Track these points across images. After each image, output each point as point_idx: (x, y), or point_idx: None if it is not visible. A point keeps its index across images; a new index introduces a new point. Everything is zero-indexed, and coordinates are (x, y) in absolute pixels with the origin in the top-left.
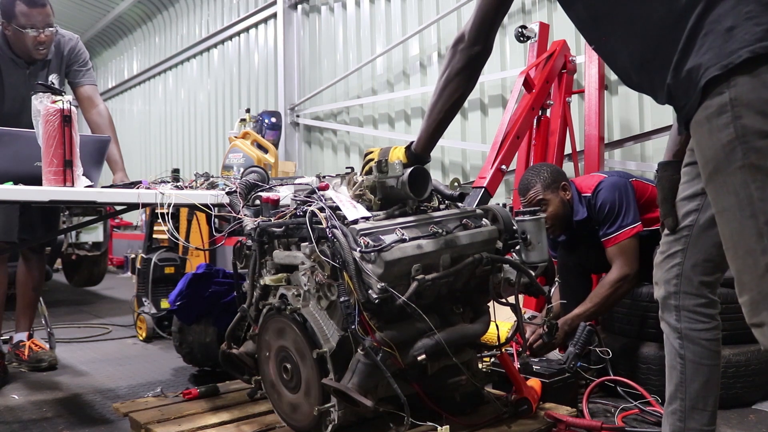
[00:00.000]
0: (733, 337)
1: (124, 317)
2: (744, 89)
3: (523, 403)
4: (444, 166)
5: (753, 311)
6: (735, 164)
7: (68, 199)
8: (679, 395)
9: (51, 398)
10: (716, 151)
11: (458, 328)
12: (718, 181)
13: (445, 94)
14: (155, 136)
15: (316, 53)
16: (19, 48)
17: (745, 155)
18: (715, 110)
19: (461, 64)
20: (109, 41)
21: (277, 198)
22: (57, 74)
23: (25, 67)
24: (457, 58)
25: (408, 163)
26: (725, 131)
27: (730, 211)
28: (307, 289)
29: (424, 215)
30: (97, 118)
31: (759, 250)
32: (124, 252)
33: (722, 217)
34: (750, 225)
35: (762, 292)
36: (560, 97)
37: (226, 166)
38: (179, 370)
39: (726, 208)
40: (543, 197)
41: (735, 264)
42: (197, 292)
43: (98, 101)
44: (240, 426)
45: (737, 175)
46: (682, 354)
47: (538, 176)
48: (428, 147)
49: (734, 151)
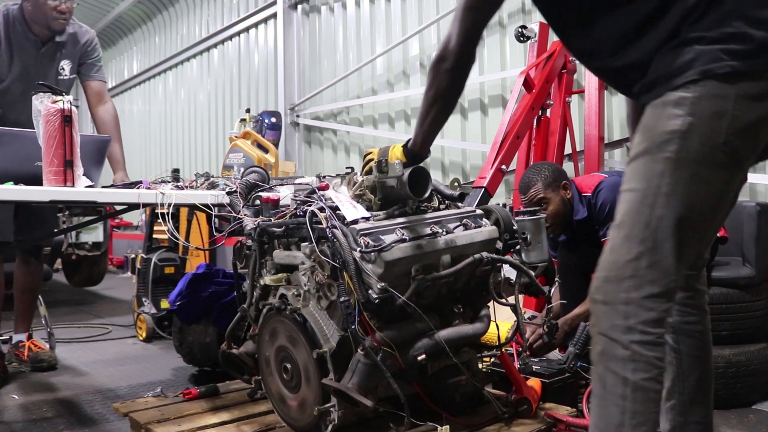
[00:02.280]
0: (733, 337)
1: (124, 317)
2: (709, 93)
3: (523, 403)
4: (444, 166)
5: (601, 287)
6: (664, 153)
7: (68, 199)
8: (677, 390)
9: (51, 398)
10: (655, 135)
11: (458, 328)
12: (641, 161)
13: (435, 109)
14: (155, 136)
15: (316, 53)
16: (38, 19)
17: (677, 150)
18: (674, 100)
19: (446, 83)
20: (109, 41)
21: (277, 198)
22: (70, 61)
23: (39, 46)
24: (442, 78)
25: (407, 161)
26: (673, 121)
27: (636, 193)
28: (307, 289)
29: (424, 215)
30: (104, 114)
31: (639, 238)
32: (124, 252)
33: (627, 194)
34: (645, 212)
35: (620, 276)
36: (560, 97)
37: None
38: (179, 370)
39: (633, 189)
40: (544, 196)
41: (613, 241)
42: (197, 292)
43: (107, 98)
44: (240, 426)
45: (660, 163)
46: (677, 348)
47: (539, 174)
48: (425, 146)
49: (670, 142)
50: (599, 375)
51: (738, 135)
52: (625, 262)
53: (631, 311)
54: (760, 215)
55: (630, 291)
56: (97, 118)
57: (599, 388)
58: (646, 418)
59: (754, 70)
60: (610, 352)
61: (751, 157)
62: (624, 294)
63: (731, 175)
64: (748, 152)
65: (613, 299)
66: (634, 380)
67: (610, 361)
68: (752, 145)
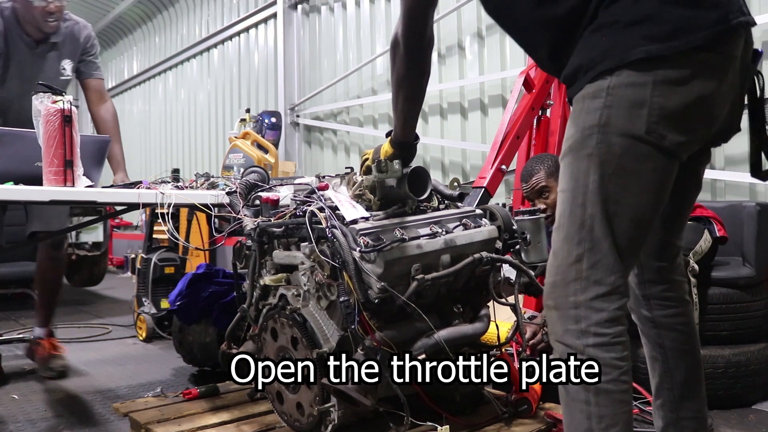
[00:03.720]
0: (733, 337)
1: (124, 317)
2: (624, 82)
3: (523, 403)
4: (444, 166)
5: (551, 293)
6: (586, 150)
7: (68, 199)
8: (665, 386)
9: (51, 398)
10: (577, 131)
11: (458, 328)
12: (567, 161)
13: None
14: (155, 136)
15: (316, 53)
16: (29, 21)
17: (597, 145)
18: (591, 92)
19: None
20: (109, 41)
21: (277, 198)
22: (71, 60)
23: (33, 46)
24: (399, 64)
25: (394, 154)
26: (592, 115)
27: (567, 193)
28: (307, 289)
29: (424, 215)
30: (104, 114)
31: (576, 239)
32: (124, 252)
33: (560, 195)
34: (578, 213)
35: (565, 279)
36: (560, 97)
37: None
38: (179, 370)
39: (564, 189)
40: (546, 184)
41: (554, 244)
42: (197, 292)
43: (107, 97)
44: (240, 426)
45: (584, 161)
46: (661, 343)
47: (542, 163)
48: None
49: (590, 137)
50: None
51: (662, 123)
52: (568, 265)
53: (582, 314)
54: (760, 215)
55: (577, 294)
56: (97, 117)
57: (564, 394)
58: (615, 420)
59: (673, 53)
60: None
61: (689, 143)
62: (572, 298)
63: (661, 164)
64: (680, 139)
65: (562, 304)
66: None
67: None
68: (684, 131)
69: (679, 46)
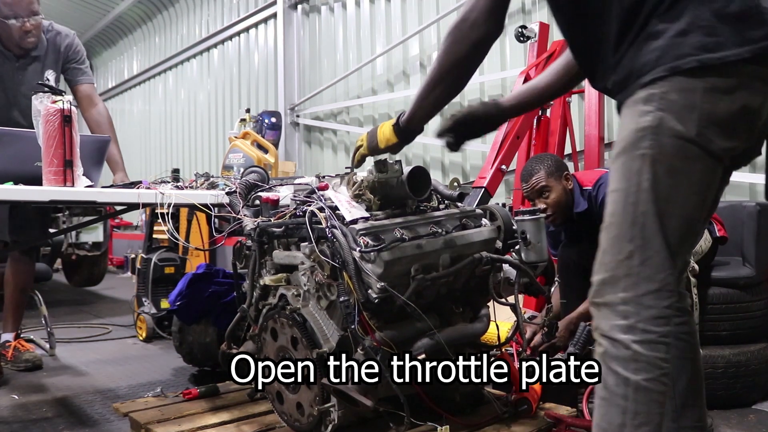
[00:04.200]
0: (733, 337)
1: (124, 317)
2: (676, 87)
3: (523, 403)
4: (444, 166)
5: (599, 291)
6: (639, 151)
7: (68, 199)
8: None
9: (51, 398)
10: (629, 133)
11: (458, 328)
12: (620, 161)
13: (447, 82)
14: (155, 136)
15: (316, 53)
16: (8, 40)
17: (650, 146)
18: (644, 97)
19: (468, 50)
20: (109, 41)
21: (277, 198)
22: (53, 71)
23: (13, 60)
24: (466, 43)
25: (398, 140)
26: (644, 118)
27: (619, 192)
28: (307, 289)
29: (424, 215)
30: (97, 117)
31: (628, 237)
32: (124, 252)
33: (611, 195)
34: (630, 211)
35: (615, 276)
36: (560, 97)
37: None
38: (179, 370)
39: (616, 189)
40: (546, 184)
41: (603, 243)
42: (197, 292)
43: (97, 100)
44: (240, 426)
45: (637, 161)
46: None
47: (541, 163)
48: (423, 121)
49: (643, 139)
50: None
51: (710, 128)
52: (618, 262)
53: (631, 310)
54: (760, 215)
55: (627, 290)
56: (90, 120)
57: (602, 388)
58: (648, 419)
59: (721, 63)
60: (612, 352)
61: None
62: (621, 294)
63: (709, 167)
64: (726, 145)
65: (611, 300)
66: (636, 380)
67: (611, 362)
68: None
69: (727, 57)
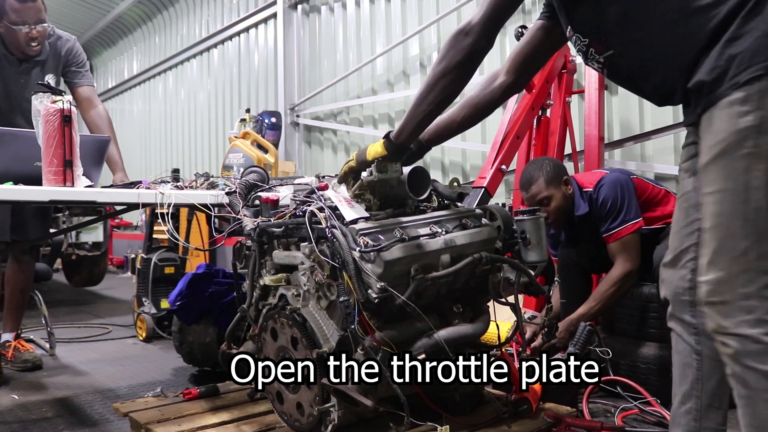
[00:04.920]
0: None
1: (124, 317)
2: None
3: (523, 403)
4: (444, 166)
5: (715, 290)
6: (743, 150)
7: (68, 199)
8: (695, 393)
9: (51, 398)
10: (729, 135)
11: (458, 328)
12: (721, 163)
13: (439, 86)
14: (155, 136)
15: (316, 53)
16: (12, 45)
17: (755, 144)
18: (740, 98)
19: (461, 56)
20: (109, 41)
21: (277, 198)
22: (54, 74)
23: (16, 64)
24: (458, 50)
25: (387, 156)
26: (744, 118)
27: (725, 193)
28: (307, 289)
29: (424, 215)
30: (96, 119)
31: (741, 234)
32: (124, 252)
33: (714, 197)
34: (741, 209)
35: (731, 274)
36: (560, 97)
37: (226, 166)
38: (179, 370)
39: (721, 190)
40: (546, 194)
41: (713, 243)
42: (197, 292)
43: (97, 102)
44: (240, 426)
45: (743, 161)
46: (699, 350)
47: (540, 170)
48: (412, 137)
49: (746, 139)
50: (738, 376)
51: None
52: (733, 259)
53: (754, 305)
54: None
55: (747, 285)
56: (90, 122)
57: (742, 388)
58: None
59: None
60: (744, 349)
61: None
62: (741, 290)
63: None
64: None
65: (731, 298)
66: None
67: (746, 359)
68: None
69: None
